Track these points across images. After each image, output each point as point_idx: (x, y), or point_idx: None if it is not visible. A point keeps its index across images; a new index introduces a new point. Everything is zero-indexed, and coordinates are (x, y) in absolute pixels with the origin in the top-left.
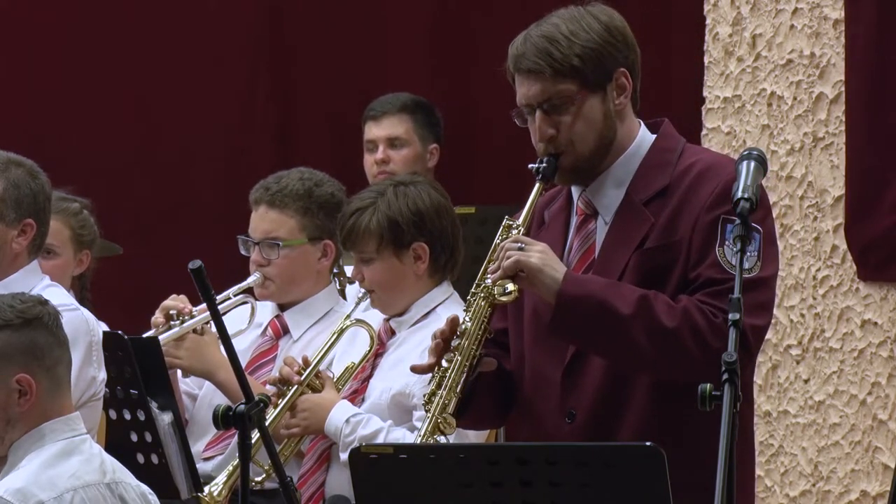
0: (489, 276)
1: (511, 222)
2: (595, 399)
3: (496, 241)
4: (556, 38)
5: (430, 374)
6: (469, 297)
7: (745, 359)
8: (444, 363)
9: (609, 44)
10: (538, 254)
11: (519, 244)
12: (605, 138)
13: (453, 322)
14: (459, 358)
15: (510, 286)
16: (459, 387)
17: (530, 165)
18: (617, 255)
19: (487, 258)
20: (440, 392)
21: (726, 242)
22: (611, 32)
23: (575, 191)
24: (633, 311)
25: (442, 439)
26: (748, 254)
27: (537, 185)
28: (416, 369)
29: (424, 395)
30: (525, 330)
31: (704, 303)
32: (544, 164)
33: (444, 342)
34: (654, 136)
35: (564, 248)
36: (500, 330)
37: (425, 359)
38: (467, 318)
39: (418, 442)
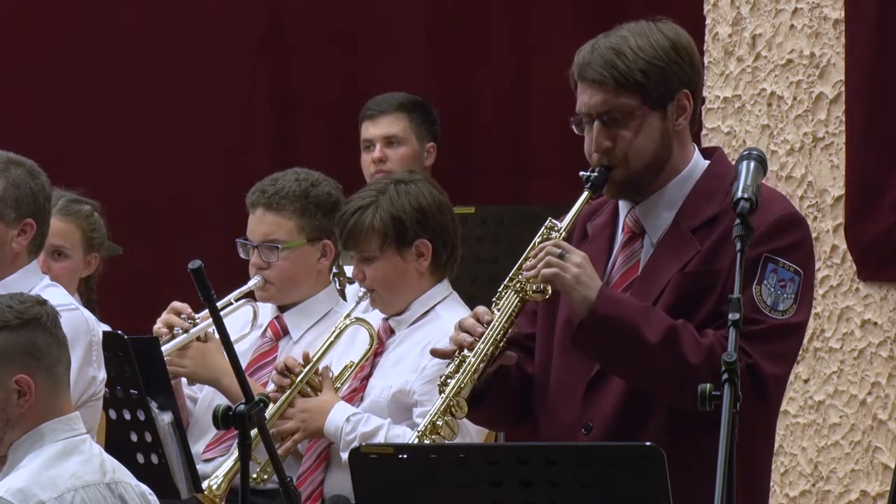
0: (523, 272)
1: (553, 224)
2: (614, 414)
3: (536, 240)
4: (623, 50)
5: (431, 372)
6: (500, 290)
7: (760, 407)
8: (465, 350)
9: (675, 63)
10: (575, 267)
11: (560, 251)
12: (660, 157)
13: (478, 314)
14: (481, 346)
15: (544, 286)
16: (478, 374)
17: (581, 173)
18: (658, 275)
19: (524, 255)
20: (457, 376)
21: (765, 281)
22: (678, 51)
23: (623, 207)
24: (659, 341)
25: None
26: (785, 295)
27: (585, 193)
28: (435, 353)
29: (441, 377)
30: (556, 337)
31: None
32: (595, 174)
33: (469, 333)
34: (708, 163)
35: (607, 263)
36: (527, 335)
37: (426, 355)
38: (495, 310)
39: (428, 420)
